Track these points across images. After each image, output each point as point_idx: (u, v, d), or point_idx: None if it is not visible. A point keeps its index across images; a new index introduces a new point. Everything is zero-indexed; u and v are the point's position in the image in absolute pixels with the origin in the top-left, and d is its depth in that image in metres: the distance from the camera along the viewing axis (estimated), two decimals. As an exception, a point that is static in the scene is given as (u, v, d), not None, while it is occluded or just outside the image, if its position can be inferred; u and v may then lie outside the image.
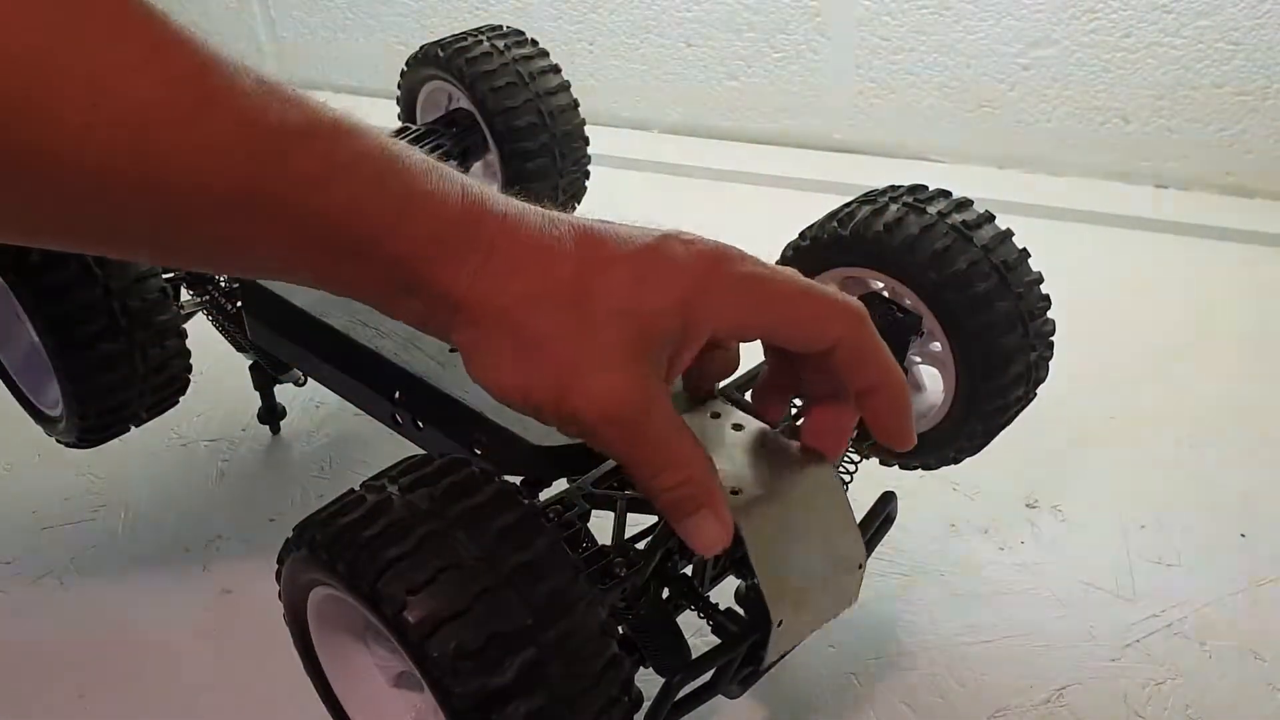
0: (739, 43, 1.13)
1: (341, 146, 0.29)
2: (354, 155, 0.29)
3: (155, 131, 0.25)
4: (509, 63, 0.74)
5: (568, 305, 0.31)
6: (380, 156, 0.30)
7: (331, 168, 0.28)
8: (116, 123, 0.25)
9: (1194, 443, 0.68)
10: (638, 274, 0.31)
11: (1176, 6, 0.95)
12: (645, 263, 0.32)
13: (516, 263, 0.31)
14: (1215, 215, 0.97)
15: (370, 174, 0.29)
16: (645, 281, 0.31)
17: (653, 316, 0.31)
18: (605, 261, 0.32)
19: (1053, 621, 0.55)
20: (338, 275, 0.31)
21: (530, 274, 0.31)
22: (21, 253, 0.49)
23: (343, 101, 1.34)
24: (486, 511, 0.32)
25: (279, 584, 0.36)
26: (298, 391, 0.69)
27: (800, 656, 0.50)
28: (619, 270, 0.31)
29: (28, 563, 0.59)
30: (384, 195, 0.29)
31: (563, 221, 0.32)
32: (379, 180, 0.29)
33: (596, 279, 0.31)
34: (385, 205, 0.29)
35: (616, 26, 1.17)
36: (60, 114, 0.24)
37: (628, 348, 0.31)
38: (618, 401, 0.31)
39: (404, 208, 0.30)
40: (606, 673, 0.31)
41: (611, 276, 0.31)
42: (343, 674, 0.38)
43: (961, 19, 1.03)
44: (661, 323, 0.32)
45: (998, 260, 0.48)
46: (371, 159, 0.29)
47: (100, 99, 0.25)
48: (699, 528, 0.33)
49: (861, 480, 0.47)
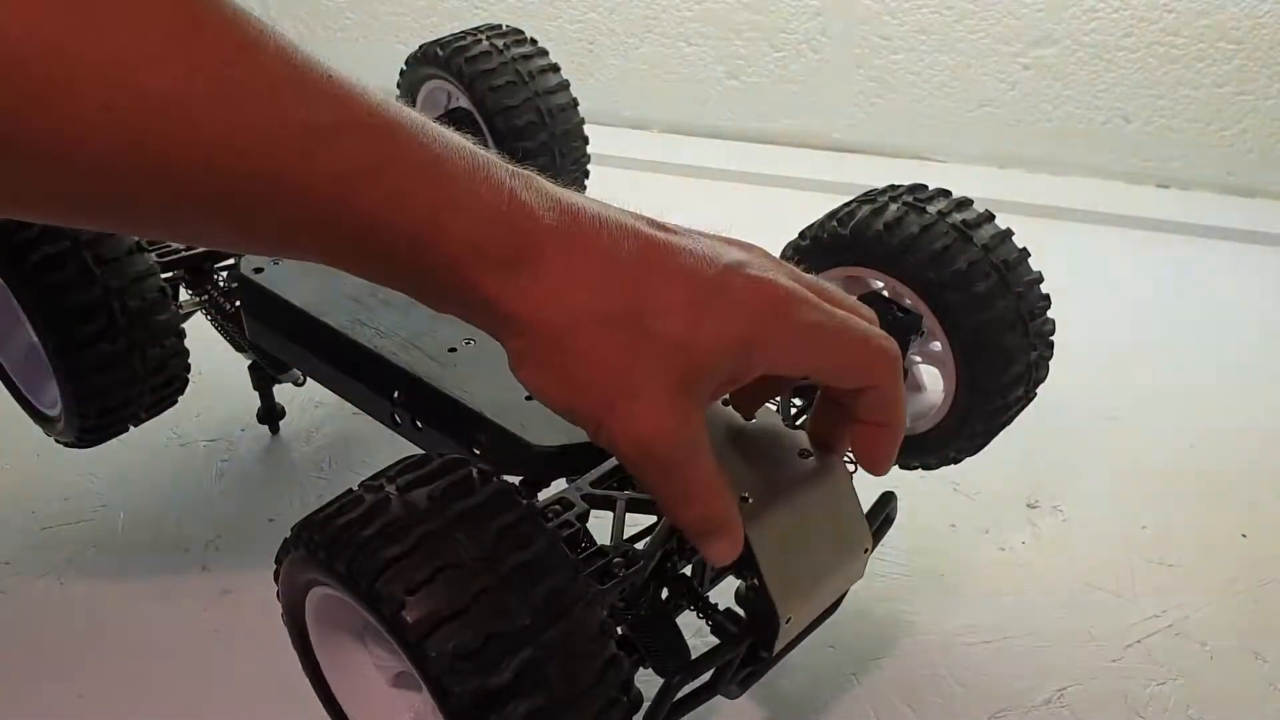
0: (739, 43, 1.13)
1: (374, 145, 0.28)
2: (385, 157, 0.28)
3: (170, 125, 0.25)
4: (508, 62, 0.74)
5: (621, 327, 0.30)
6: (417, 156, 0.28)
7: (360, 171, 0.27)
8: (132, 114, 0.24)
9: (1195, 443, 0.68)
10: (698, 307, 0.31)
11: (1177, 6, 0.95)
12: (706, 298, 0.31)
13: (569, 276, 0.30)
14: (1216, 215, 0.97)
15: (402, 175, 0.28)
16: (704, 316, 0.31)
17: (707, 354, 0.31)
18: (667, 287, 0.31)
19: (1053, 621, 0.54)
20: (372, 274, 0.31)
21: (583, 290, 0.30)
22: (21, 252, 0.49)
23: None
24: (485, 511, 0.32)
25: (278, 584, 0.36)
26: (297, 391, 0.69)
27: (800, 656, 0.50)
28: (679, 300, 0.31)
29: (28, 563, 0.59)
30: (418, 199, 0.28)
31: (630, 230, 0.31)
32: (413, 182, 0.28)
33: (653, 308, 0.30)
34: (419, 211, 0.28)
35: (616, 26, 1.17)
36: (75, 105, 0.24)
37: (676, 381, 0.31)
38: (658, 436, 0.31)
39: (437, 216, 0.28)
40: (605, 673, 0.31)
41: (669, 308, 0.30)
42: (341, 674, 0.38)
43: (962, 18, 1.03)
44: (715, 361, 0.31)
45: (998, 260, 0.48)
46: (406, 159, 0.28)
47: (116, 90, 0.24)
48: (713, 548, 0.34)
49: (862, 480, 0.47)
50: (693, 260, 0.31)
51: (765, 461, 0.39)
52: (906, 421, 0.37)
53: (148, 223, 0.29)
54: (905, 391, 0.36)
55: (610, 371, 0.30)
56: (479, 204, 0.29)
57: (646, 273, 0.31)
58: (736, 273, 0.32)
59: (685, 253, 0.32)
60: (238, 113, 0.26)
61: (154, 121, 0.25)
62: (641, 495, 0.39)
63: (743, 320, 0.31)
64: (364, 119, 0.28)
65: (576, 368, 0.30)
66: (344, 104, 0.27)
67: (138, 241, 0.52)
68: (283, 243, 0.29)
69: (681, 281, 0.31)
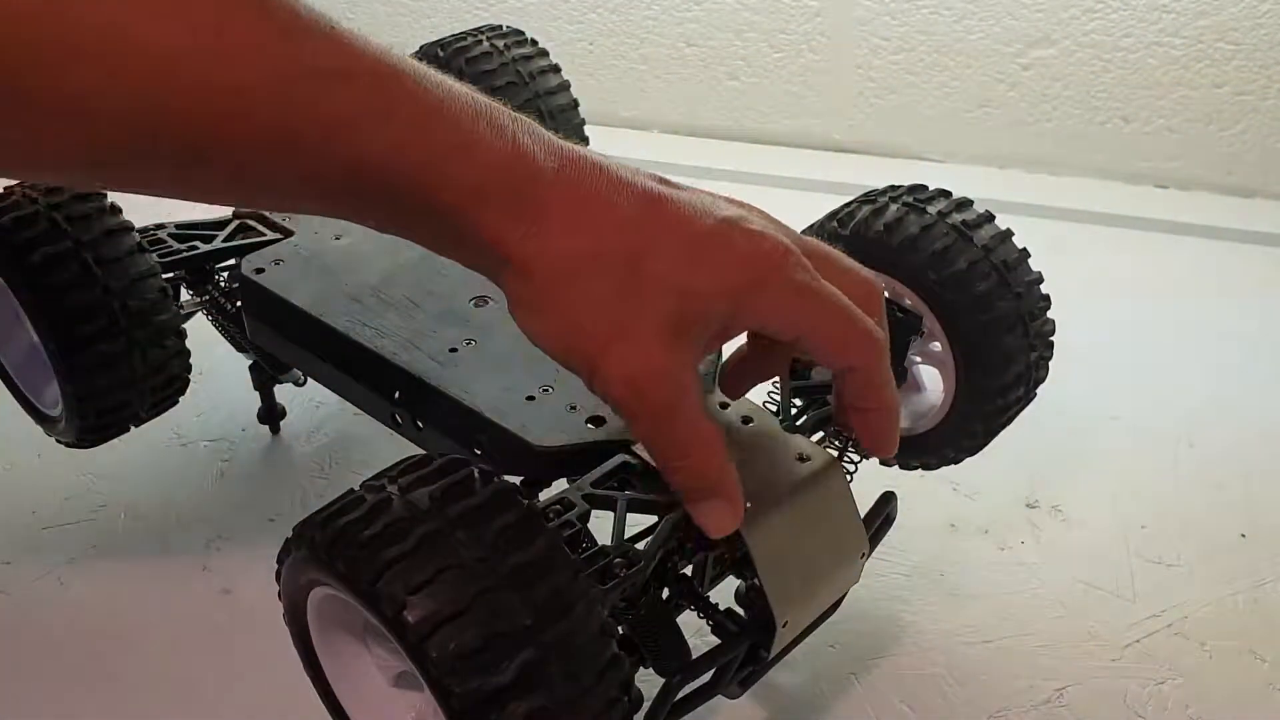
0: (739, 43, 1.13)
1: (377, 92, 0.28)
2: (389, 101, 0.28)
3: (176, 79, 0.25)
4: (509, 62, 0.74)
5: (619, 272, 0.30)
6: (421, 102, 0.29)
7: (365, 114, 0.28)
8: (135, 71, 0.25)
9: (1194, 442, 0.68)
10: (695, 254, 0.31)
11: (1176, 6, 0.95)
12: (705, 245, 0.31)
13: (571, 222, 0.30)
14: (1215, 215, 0.97)
15: (407, 121, 0.28)
16: (700, 263, 0.31)
17: (701, 299, 0.31)
18: (665, 235, 0.31)
19: (1053, 621, 0.54)
20: (378, 219, 0.31)
21: (584, 235, 0.30)
22: (21, 252, 0.49)
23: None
24: (486, 512, 0.32)
25: (279, 584, 0.36)
26: (298, 391, 0.69)
27: (800, 656, 0.50)
28: (676, 246, 0.31)
29: (28, 562, 0.59)
30: (422, 144, 0.29)
31: (631, 184, 0.32)
32: (417, 128, 0.28)
33: (651, 251, 0.31)
34: (423, 156, 0.29)
35: (616, 26, 1.17)
36: (78, 63, 0.24)
37: (671, 324, 0.31)
38: (649, 376, 0.31)
39: (443, 159, 0.29)
40: (606, 673, 0.31)
41: (667, 251, 0.31)
42: (342, 674, 0.38)
43: (961, 19, 1.03)
44: (709, 306, 0.31)
45: (998, 260, 0.48)
46: (410, 105, 0.28)
47: (117, 47, 0.24)
48: (711, 513, 0.34)
49: (861, 480, 0.47)
50: (691, 211, 0.32)
51: (763, 466, 0.39)
52: (899, 404, 0.37)
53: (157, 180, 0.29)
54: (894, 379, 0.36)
55: (605, 313, 0.31)
56: (482, 149, 0.29)
57: (645, 220, 0.31)
58: (735, 225, 0.32)
59: (684, 204, 0.32)
60: (241, 64, 0.26)
61: (158, 79, 0.25)
62: (642, 495, 0.39)
63: (738, 270, 0.31)
64: (368, 65, 0.28)
65: (572, 310, 0.31)
66: (347, 51, 0.28)
67: (139, 242, 0.52)
68: (293, 193, 0.30)
69: (679, 229, 0.31)
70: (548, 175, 0.30)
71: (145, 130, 0.26)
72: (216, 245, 0.59)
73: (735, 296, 0.31)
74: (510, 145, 0.30)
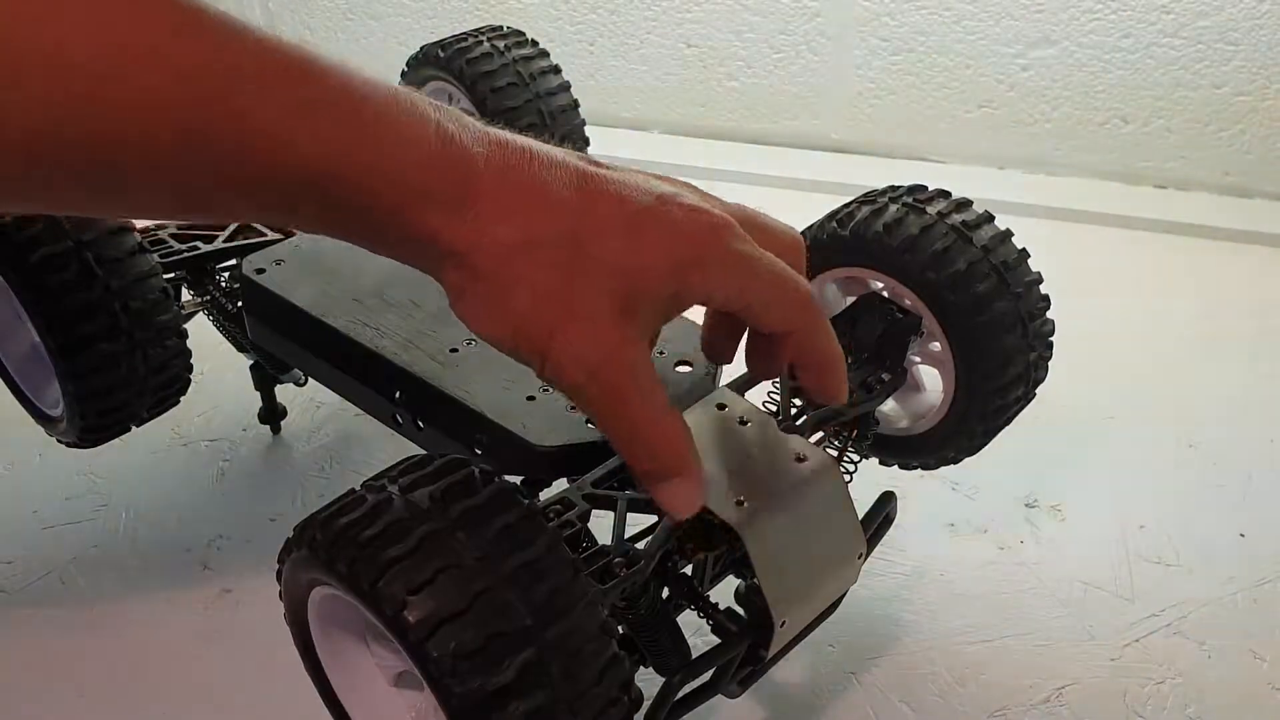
0: (739, 43, 1.13)
1: (298, 93, 0.27)
2: (308, 101, 0.27)
3: (75, 85, 0.24)
4: (509, 63, 0.74)
5: (560, 256, 0.30)
6: (342, 97, 0.28)
7: (283, 113, 0.27)
8: (34, 79, 0.24)
9: (1194, 442, 0.68)
10: (635, 233, 0.31)
11: (1176, 7, 0.95)
12: (644, 223, 0.31)
13: (506, 208, 0.30)
14: (1214, 215, 0.97)
15: (329, 118, 0.28)
16: (641, 241, 0.31)
17: (647, 276, 0.31)
18: (603, 215, 0.31)
19: (1052, 621, 0.55)
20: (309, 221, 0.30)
21: (521, 220, 0.30)
22: (23, 252, 0.49)
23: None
24: (486, 511, 0.32)
25: (279, 584, 0.36)
26: (298, 391, 0.69)
27: (800, 656, 0.50)
28: (616, 226, 0.31)
29: (28, 562, 0.59)
30: (346, 140, 0.28)
31: (563, 165, 0.31)
32: (340, 124, 0.28)
33: (592, 232, 0.30)
34: (347, 152, 0.28)
35: (616, 27, 1.17)
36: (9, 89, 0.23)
37: (618, 303, 0.30)
38: (600, 357, 0.30)
39: (370, 155, 0.28)
40: (606, 672, 0.31)
41: (608, 231, 0.30)
42: (343, 673, 0.38)
43: (961, 19, 1.03)
44: (655, 283, 0.31)
45: (997, 260, 0.48)
46: (331, 101, 0.28)
47: (32, 69, 0.24)
48: (673, 493, 0.33)
49: (861, 480, 0.47)
50: (627, 189, 0.31)
51: (761, 466, 0.39)
52: (841, 353, 0.36)
53: (74, 198, 0.28)
54: (830, 328, 0.36)
55: (550, 297, 0.30)
56: (409, 141, 0.29)
57: (582, 201, 0.31)
58: (671, 200, 0.32)
59: (619, 183, 0.32)
60: (145, 70, 0.25)
61: (58, 86, 0.24)
62: (642, 495, 0.39)
63: (681, 245, 0.31)
64: (288, 64, 0.27)
65: (517, 297, 0.30)
66: (268, 51, 0.27)
67: (140, 242, 0.52)
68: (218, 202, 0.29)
69: (617, 208, 0.31)
70: (478, 163, 0.30)
71: (51, 142, 0.25)
72: (217, 245, 0.59)
73: (680, 272, 0.31)
74: (436, 135, 0.29)
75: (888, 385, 0.48)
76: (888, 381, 0.48)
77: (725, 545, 0.38)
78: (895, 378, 0.48)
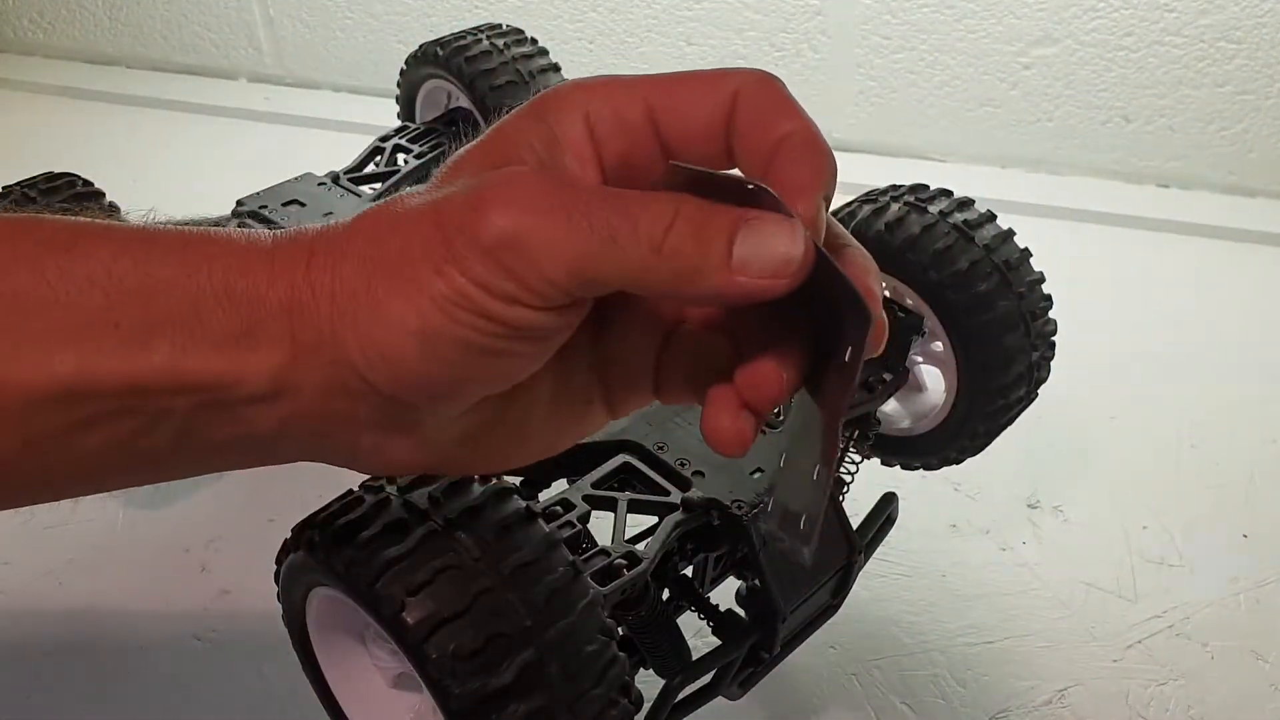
0: (739, 42, 1.13)
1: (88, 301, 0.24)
2: (109, 307, 0.24)
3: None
4: (509, 61, 0.74)
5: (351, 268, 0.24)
6: (153, 292, 0.25)
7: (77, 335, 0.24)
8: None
9: (1196, 443, 0.68)
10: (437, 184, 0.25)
11: (1178, 5, 0.95)
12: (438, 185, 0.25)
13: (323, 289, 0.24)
14: (1217, 215, 0.97)
15: (142, 325, 0.25)
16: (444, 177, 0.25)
17: (506, 131, 0.26)
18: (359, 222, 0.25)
19: (1054, 622, 0.54)
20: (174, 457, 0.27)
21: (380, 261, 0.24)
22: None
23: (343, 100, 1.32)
24: (486, 512, 0.32)
25: (278, 585, 0.36)
26: (297, 391, 0.69)
27: (800, 656, 0.50)
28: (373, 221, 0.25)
29: (27, 563, 0.59)
30: (172, 349, 0.25)
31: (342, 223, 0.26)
32: (155, 329, 0.25)
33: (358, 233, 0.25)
34: (180, 361, 0.25)
35: (616, 25, 1.17)
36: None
37: (486, 163, 0.25)
38: (539, 186, 0.23)
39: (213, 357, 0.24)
40: (606, 674, 0.31)
41: (364, 230, 0.25)
42: (342, 675, 0.38)
43: (962, 18, 1.03)
44: (515, 133, 0.26)
45: (999, 260, 0.48)
46: (139, 297, 0.25)
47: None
48: (763, 246, 0.23)
49: (862, 481, 0.47)
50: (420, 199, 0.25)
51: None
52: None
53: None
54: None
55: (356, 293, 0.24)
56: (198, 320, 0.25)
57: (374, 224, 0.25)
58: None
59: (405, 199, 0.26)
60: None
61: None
62: (642, 496, 0.39)
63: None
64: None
65: (408, 270, 0.24)
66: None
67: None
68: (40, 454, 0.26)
69: (374, 214, 0.25)
70: (324, 290, 0.24)
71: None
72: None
73: (534, 108, 0.26)
74: (221, 290, 0.25)
75: (889, 385, 0.48)
76: (889, 381, 0.47)
77: (727, 545, 0.38)
78: (897, 378, 0.48)
